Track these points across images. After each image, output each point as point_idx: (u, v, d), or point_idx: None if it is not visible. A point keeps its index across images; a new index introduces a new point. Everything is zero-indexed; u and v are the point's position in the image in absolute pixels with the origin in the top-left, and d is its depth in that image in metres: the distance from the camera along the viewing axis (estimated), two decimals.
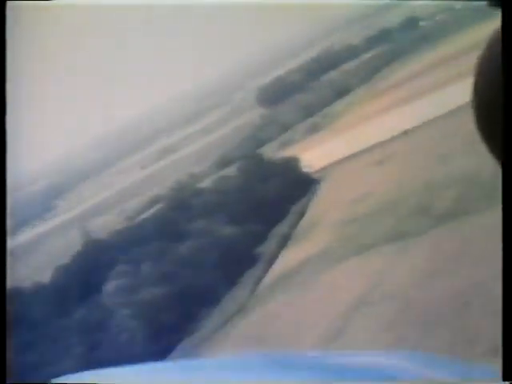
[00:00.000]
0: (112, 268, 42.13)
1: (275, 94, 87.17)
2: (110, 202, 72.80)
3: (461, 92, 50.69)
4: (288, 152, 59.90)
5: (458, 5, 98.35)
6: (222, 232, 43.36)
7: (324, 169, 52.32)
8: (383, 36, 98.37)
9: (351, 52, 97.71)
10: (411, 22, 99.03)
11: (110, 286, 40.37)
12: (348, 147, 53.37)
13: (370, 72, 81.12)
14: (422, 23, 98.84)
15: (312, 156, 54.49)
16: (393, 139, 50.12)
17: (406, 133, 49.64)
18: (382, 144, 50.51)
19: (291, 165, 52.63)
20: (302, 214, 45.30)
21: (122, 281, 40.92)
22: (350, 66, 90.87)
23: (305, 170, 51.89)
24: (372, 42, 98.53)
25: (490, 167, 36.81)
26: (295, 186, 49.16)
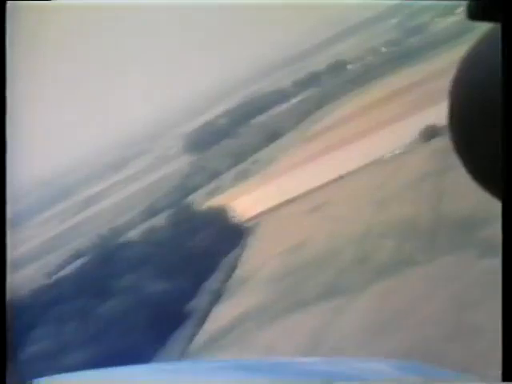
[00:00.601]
0: (31, 330, 39.00)
1: (203, 140, 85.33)
2: (28, 257, 69.09)
3: (395, 136, 50.15)
4: (218, 200, 57.82)
5: (385, 48, 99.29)
6: (149, 288, 40.85)
7: (256, 217, 50.26)
8: (311, 79, 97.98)
9: (280, 96, 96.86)
10: (339, 65, 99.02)
11: (28, 352, 37.09)
12: (280, 194, 51.56)
13: (301, 116, 80.00)
14: (349, 66, 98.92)
15: (243, 204, 52.51)
16: (327, 185, 48.53)
17: (340, 178, 48.11)
18: (315, 190, 48.83)
19: (221, 214, 50.51)
20: (234, 267, 43.03)
21: (42, 345, 37.81)
22: (279, 110, 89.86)
23: (236, 219, 49.74)
24: (300, 85, 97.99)
25: (427, 214, 35.86)
26: (226, 237, 46.96)
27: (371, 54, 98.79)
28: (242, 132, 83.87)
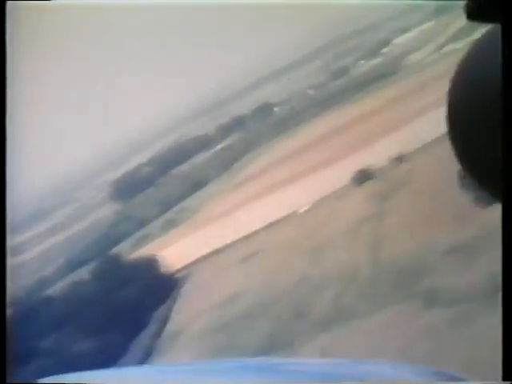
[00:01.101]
0: None
1: (128, 189, 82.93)
2: None
3: (326, 180, 49.24)
4: (145, 251, 55.62)
5: (312, 90, 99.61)
6: (74, 347, 38.37)
7: (186, 268, 48.29)
8: (236, 124, 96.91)
9: (204, 142, 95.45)
10: (265, 109, 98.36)
11: None
12: (209, 243, 49.79)
13: (227, 162, 78.60)
14: (276, 109, 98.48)
15: (171, 254, 50.48)
16: (257, 234, 47.02)
17: (270, 226, 46.71)
18: (245, 239, 47.27)
19: (150, 265, 48.33)
20: (164, 321, 40.88)
21: None
22: (204, 156, 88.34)
23: (165, 270, 47.65)
24: (225, 130, 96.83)
25: (366, 262, 34.80)
26: (155, 289, 44.78)
27: (298, 97, 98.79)
28: (167, 180, 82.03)
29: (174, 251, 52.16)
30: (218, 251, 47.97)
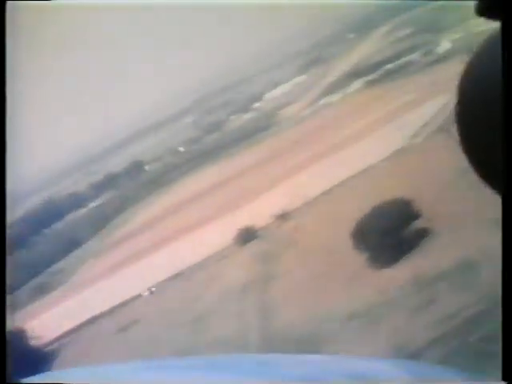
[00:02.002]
0: None
1: None
2: None
3: (206, 240, 46.94)
4: (13, 320, 51.01)
5: (183, 147, 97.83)
6: None
7: (57, 340, 44.29)
8: (109, 182, 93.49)
9: (77, 200, 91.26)
10: (136, 166, 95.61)
11: None
12: (84, 310, 46.09)
13: (100, 222, 74.85)
14: (147, 167, 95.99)
15: (41, 324, 46.37)
16: (135, 300, 43.85)
17: (149, 292, 43.77)
18: (124, 305, 43.99)
19: (16, 339, 44.03)
20: None
21: None
22: (76, 215, 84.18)
23: (34, 343, 43.53)
24: (98, 188, 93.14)
25: (255, 332, 32.70)
26: (25, 364, 40.63)
27: (169, 154, 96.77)
28: (37, 241, 77.18)
29: (43, 321, 48.09)
30: (93, 319, 44.38)
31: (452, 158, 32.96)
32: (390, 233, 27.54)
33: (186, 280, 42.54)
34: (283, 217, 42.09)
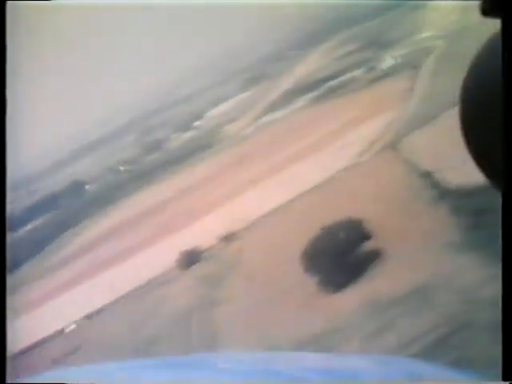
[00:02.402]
0: None
1: None
2: None
3: (150, 263, 45.24)
4: None
5: (123, 166, 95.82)
6: None
7: None
8: (49, 201, 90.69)
9: (12, 222, 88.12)
10: (76, 186, 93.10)
11: None
12: (16, 341, 43.76)
13: (37, 244, 72.13)
14: (87, 187, 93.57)
15: None
16: (78, 324, 41.87)
17: (91, 316, 41.78)
18: (62, 333, 41.94)
19: None
20: None
21: None
22: (15, 236, 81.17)
23: None
24: (38, 209, 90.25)
25: None
26: None
27: (110, 174, 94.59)
28: None
29: None
30: (25, 350, 42.04)
31: (401, 175, 32.35)
32: (341, 254, 26.49)
33: (129, 305, 40.76)
34: (228, 238, 40.66)
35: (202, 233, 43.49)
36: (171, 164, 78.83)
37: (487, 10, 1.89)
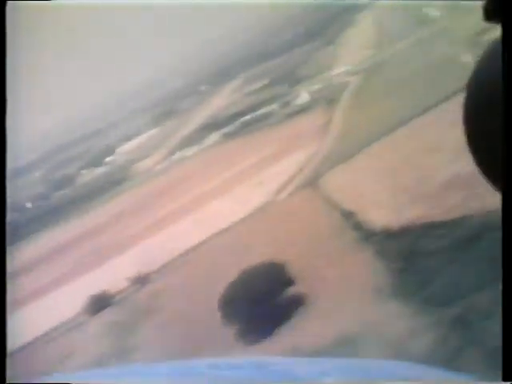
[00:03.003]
0: None
1: None
2: None
3: (54, 307, 42.43)
4: None
5: (31, 203, 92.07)
6: None
7: None
8: None
9: None
10: None
11: None
12: None
13: None
14: None
15: None
16: None
17: None
18: None
19: None
20: None
21: None
22: None
23: None
24: None
25: None
26: None
27: (16, 211, 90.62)
28: None
29: None
30: None
31: (323, 215, 31.00)
32: (262, 301, 24.80)
33: (34, 353, 37.88)
34: (141, 281, 38.43)
35: (113, 275, 41.09)
36: (81, 201, 75.83)
37: (490, 15, 1.93)
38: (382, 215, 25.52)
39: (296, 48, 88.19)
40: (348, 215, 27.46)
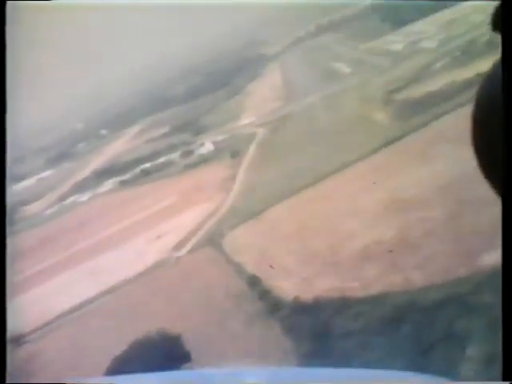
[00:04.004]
0: None
1: None
2: None
3: None
4: None
5: None
6: None
7: None
8: None
9: None
10: None
11: None
12: None
13: None
14: None
15: None
16: None
17: None
18: None
19: None
20: None
21: None
22: None
23: None
24: None
25: None
26: None
27: None
28: None
29: None
30: None
31: (224, 278, 27.98)
32: None
33: None
34: (16, 341, 34.22)
35: None
36: None
37: (497, 26, 2.01)
38: (290, 284, 22.78)
39: (201, 96, 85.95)
40: (253, 281, 24.52)
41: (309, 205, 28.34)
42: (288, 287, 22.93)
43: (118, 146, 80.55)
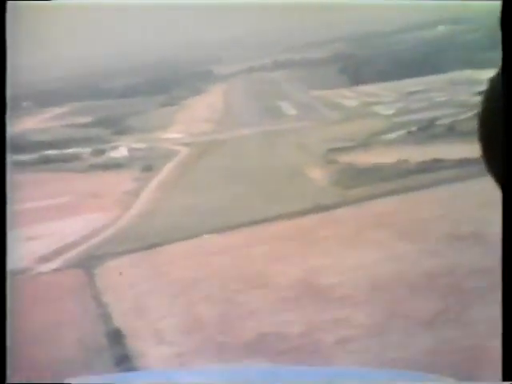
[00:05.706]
0: None
1: None
2: None
3: None
4: None
5: None
6: None
7: None
8: None
9: None
10: None
11: None
12: None
13: None
14: None
15: None
16: None
17: None
18: None
19: None
20: None
21: None
22: None
23: None
24: None
25: None
26: None
27: None
28: None
29: None
30: None
31: (89, 320, 22.65)
32: None
33: None
34: None
35: None
36: None
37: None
38: (160, 355, 17.62)
39: (137, 97, 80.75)
40: (114, 336, 19.24)
41: (207, 257, 23.26)
42: (155, 358, 17.61)
43: (30, 123, 73.87)
